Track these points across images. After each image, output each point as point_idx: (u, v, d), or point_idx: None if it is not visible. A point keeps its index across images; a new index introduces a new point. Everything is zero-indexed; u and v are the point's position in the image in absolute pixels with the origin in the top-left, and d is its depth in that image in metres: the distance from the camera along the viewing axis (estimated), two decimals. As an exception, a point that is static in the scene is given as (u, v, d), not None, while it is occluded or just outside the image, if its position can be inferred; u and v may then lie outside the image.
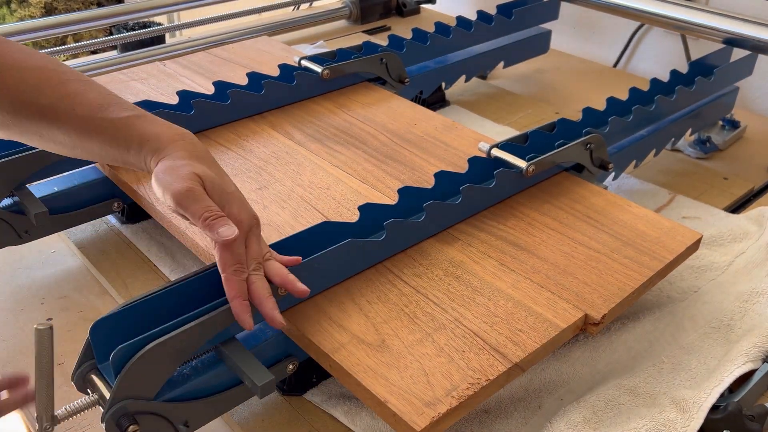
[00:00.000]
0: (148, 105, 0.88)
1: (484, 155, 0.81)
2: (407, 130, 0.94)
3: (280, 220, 0.75)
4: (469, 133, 0.94)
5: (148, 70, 1.11)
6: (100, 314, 0.78)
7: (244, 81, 0.99)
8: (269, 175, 0.83)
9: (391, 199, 0.77)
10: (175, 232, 0.75)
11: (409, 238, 0.71)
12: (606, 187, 0.83)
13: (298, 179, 0.83)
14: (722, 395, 0.66)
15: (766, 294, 0.78)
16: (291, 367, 0.64)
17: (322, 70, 1.01)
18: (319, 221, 0.69)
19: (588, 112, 0.90)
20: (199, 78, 1.09)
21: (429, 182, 0.77)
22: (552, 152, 0.81)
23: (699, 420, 0.63)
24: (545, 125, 0.86)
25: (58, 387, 0.69)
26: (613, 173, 0.96)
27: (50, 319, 0.78)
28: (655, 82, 1.01)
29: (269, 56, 1.18)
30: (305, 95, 1.02)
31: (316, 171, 0.84)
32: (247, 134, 0.92)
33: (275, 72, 1.02)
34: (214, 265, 0.60)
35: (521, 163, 0.78)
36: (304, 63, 1.04)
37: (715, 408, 0.65)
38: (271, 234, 0.73)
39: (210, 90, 0.96)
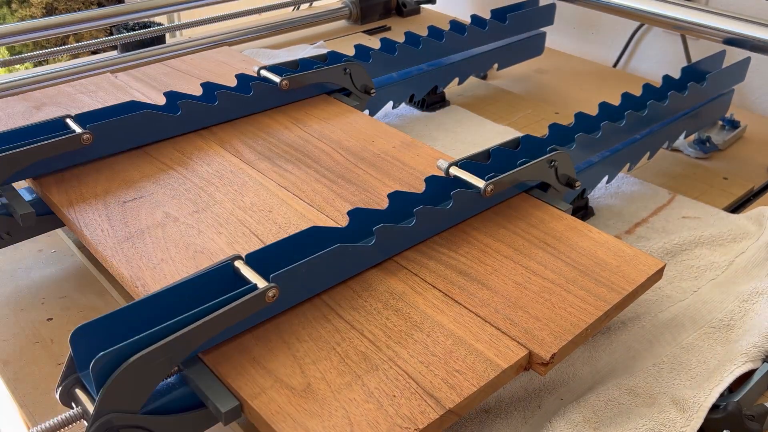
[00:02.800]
0: (98, 114, 0.86)
1: (442, 174, 0.76)
2: (364, 148, 0.90)
3: (214, 247, 0.71)
4: (429, 151, 0.90)
5: (98, 83, 1.07)
6: (100, 314, 0.78)
7: (199, 93, 0.94)
8: (209, 197, 0.79)
9: (338, 223, 0.71)
10: (102, 261, 0.72)
11: (358, 263, 0.67)
12: (570, 209, 0.79)
13: (240, 201, 0.78)
14: (722, 395, 0.66)
15: (766, 294, 0.78)
16: None
17: (281, 81, 0.96)
18: (257, 247, 0.65)
19: (554, 127, 0.86)
20: (151, 91, 1.04)
21: (381, 204, 0.72)
22: (512, 171, 0.76)
23: (699, 420, 0.63)
24: (509, 141, 0.82)
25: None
26: (607, 177, 0.95)
27: (50, 319, 0.78)
28: (647, 87, 1.00)
29: (228, 68, 1.13)
30: (263, 107, 0.97)
31: (259, 192, 0.80)
32: (192, 152, 0.88)
33: (233, 84, 0.97)
34: (203, 271, 0.60)
35: (479, 183, 0.73)
36: (263, 73, 0.99)
37: (715, 408, 0.65)
38: (204, 262, 0.69)
39: (162, 103, 0.92)
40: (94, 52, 1.60)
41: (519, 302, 0.65)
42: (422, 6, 1.74)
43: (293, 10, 1.74)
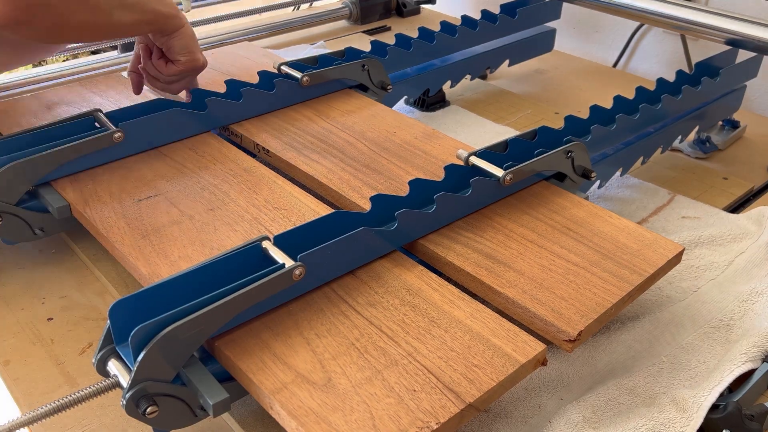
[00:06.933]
0: (120, 114, 0.87)
1: (461, 163, 0.79)
2: (386, 139, 0.92)
3: (231, 244, 0.72)
4: (450, 141, 0.92)
5: (108, 82, 1.07)
6: (100, 314, 0.78)
7: (220, 88, 0.96)
8: (224, 194, 0.80)
9: (366, 210, 0.72)
10: (120, 259, 0.73)
11: (381, 246, 0.69)
12: (587, 197, 0.82)
13: (254, 199, 0.79)
14: (722, 395, 0.66)
15: (766, 294, 0.78)
16: None
17: (302, 77, 0.98)
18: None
19: (570, 119, 0.88)
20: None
21: (406, 191, 0.74)
22: (531, 161, 0.79)
23: (698, 419, 0.63)
24: (526, 132, 0.84)
25: (58, 387, 0.69)
26: (621, 169, 0.96)
27: (50, 319, 0.78)
28: (661, 81, 1.01)
29: (249, 62, 1.16)
30: (285, 103, 0.99)
31: (274, 189, 0.81)
32: (205, 150, 0.89)
33: (255, 79, 0.99)
34: (233, 250, 0.62)
35: (498, 172, 0.76)
36: (284, 69, 1.01)
37: (714, 407, 0.65)
38: None
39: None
40: (94, 52, 1.60)
41: (545, 283, 0.67)
42: (422, 6, 1.75)
43: (293, 10, 1.74)
